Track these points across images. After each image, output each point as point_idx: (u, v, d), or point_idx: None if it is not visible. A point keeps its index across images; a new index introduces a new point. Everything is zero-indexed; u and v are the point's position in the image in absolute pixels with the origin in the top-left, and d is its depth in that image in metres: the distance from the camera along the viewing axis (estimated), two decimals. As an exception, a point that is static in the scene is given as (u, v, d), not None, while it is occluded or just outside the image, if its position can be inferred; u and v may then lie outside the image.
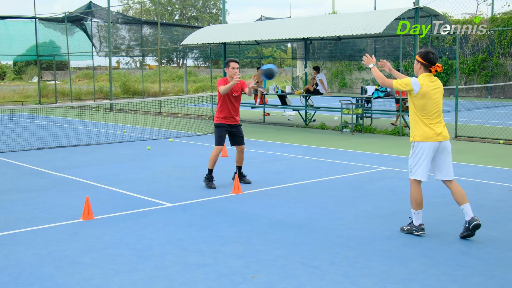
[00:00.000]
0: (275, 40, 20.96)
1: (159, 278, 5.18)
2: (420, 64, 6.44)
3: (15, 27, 31.55)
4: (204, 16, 78.31)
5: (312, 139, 15.26)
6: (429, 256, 5.75)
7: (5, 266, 5.50)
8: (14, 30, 31.41)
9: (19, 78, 58.43)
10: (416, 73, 6.53)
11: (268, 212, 7.53)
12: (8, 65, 61.93)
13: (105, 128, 18.45)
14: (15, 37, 31.35)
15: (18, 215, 7.47)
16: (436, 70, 6.34)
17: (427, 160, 6.28)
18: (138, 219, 7.24)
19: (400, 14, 15.40)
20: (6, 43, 31.04)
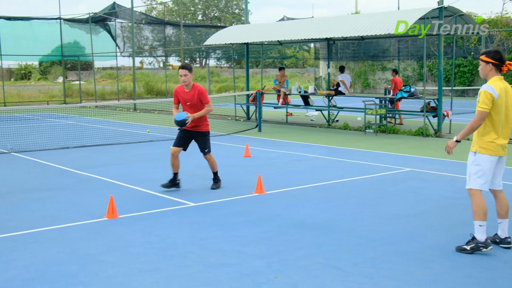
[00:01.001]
0: (298, 40, 20.94)
1: (181, 277, 5.22)
2: (491, 65, 5.92)
3: (41, 28, 31.99)
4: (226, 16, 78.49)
5: (335, 140, 15.21)
6: (453, 258, 5.70)
7: (31, 264, 5.59)
8: (39, 30, 31.86)
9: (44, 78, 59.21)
10: (486, 76, 6.00)
11: (290, 213, 7.53)
12: (34, 65, 62.77)
13: (129, 128, 18.61)
14: (40, 38, 31.79)
15: (43, 213, 7.58)
16: (508, 68, 5.92)
17: (490, 171, 5.90)
18: (161, 218, 7.29)
19: (424, 13, 15.28)
20: (32, 44, 31.50)
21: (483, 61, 5.97)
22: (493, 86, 5.82)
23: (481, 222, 5.84)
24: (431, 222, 7.01)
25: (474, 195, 5.93)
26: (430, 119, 16.61)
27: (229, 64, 66.19)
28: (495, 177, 6.03)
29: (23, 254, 5.89)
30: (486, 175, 5.90)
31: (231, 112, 24.11)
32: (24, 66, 64.19)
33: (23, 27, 31.15)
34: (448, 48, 31.68)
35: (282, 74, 21.69)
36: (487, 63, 5.95)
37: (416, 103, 22.80)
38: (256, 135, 16.42)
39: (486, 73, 5.98)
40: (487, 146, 5.88)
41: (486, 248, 5.80)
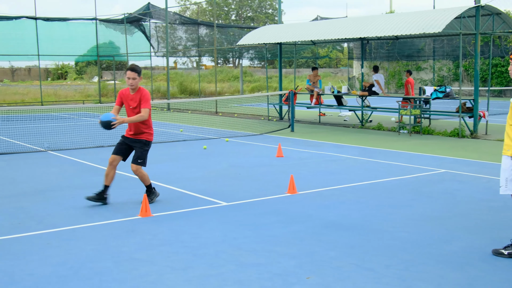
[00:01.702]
0: (331, 40, 20.83)
1: (213, 277, 5.24)
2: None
3: (77, 29, 32.54)
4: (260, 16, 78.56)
5: (368, 140, 15.09)
6: (489, 261, 5.59)
7: (66, 260, 5.68)
8: (75, 31, 32.40)
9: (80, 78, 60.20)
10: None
11: (323, 213, 7.49)
12: (70, 65, 63.89)
13: (163, 127, 18.77)
14: (76, 38, 32.34)
15: (78, 211, 7.69)
16: None
17: None
18: (193, 217, 7.33)
19: (460, 12, 15.04)
20: (68, 44, 32.05)
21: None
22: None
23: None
24: (466, 225, 6.89)
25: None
26: (466, 120, 16.35)
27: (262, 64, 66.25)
28: None
29: (58, 251, 5.99)
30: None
31: (263, 112, 24.13)
32: (61, 66, 65.39)
33: (60, 27, 31.72)
34: (485, 47, 31.11)
35: (315, 74, 21.61)
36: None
37: (452, 104, 22.48)
38: (288, 135, 16.40)
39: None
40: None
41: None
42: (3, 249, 6.04)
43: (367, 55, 38.13)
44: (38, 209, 7.80)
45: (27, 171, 10.84)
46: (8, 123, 20.45)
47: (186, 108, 28.71)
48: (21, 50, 30.40)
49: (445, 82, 36.67)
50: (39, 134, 16.85)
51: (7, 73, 62.68)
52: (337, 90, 20.38)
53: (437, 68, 37.31)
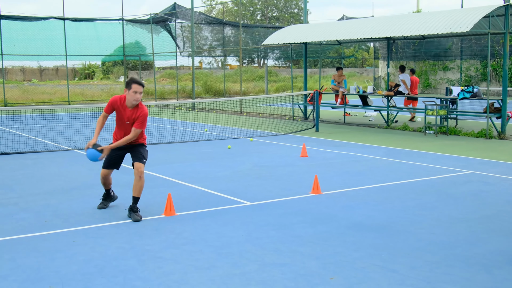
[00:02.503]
0: (357, 40, 20.71)
1: (237, 276, 5.24)
2: None
3: (104, 29, 32.89)
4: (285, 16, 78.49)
5: (394, 141, 14.97)
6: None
7: (91, 258, 5.74)
8: (102, 31, 32.75)
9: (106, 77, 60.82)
10: None
11: (347, 214, 7.45)
12: (97, 65, 64.59)
13: (187, 127, 18.87)
14: (103, 38, 32.69)
15: (103, 210, 7.77)
16: None
17: None
18: (217, 216, 7.35)
19: (489, 11, 14.83)
20: (95, 44, 32.42)
21: None
22: None
23: None
24: (493, 227, 6.79)
25: None
26: (494, 120, 16.11)
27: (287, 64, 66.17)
28: None
29: (83, 248, 6.06)
30: None
31: (288, 111, 24.09)
32: (88, 66, 66.16)
33: (87, 28, 32.10)
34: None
35: (340, 74, 21.51)
36: None
37: (479, 104, 22.19)
38: (313, 135, 16.35)
39: None
40: None
41: None
42: (30, 246, 6.13)
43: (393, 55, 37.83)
44: (64, 207, 7.90)
45: (54, 170, 10.98)
46: (36, 122, 20.76)
47: (211, 107, 28.82)
48: (49, 50, 30.83)
49: (472, 82, 36.21)
50: (66, 133, 17.06)
51: (35, 72, 63.64)
52: (362, 90, 20.26)
53: (464, 68, 36.85)
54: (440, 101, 17.65)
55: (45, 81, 59.45)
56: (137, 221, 7.11)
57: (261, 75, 51.69)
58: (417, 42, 36.12)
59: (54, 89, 39.33)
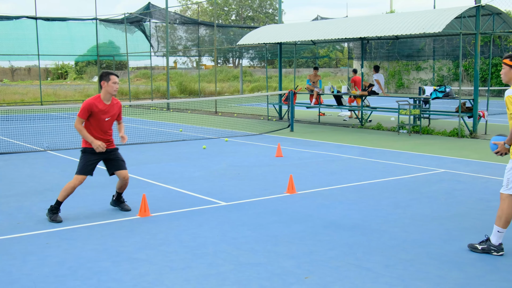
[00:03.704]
0: (332, 40, 20.83)
1: (212, 276, 5.24)
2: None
3: (77, 28, 32.55)
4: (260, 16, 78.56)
5: (368, 140, 15.09)
6: (488, 261, 5.59)
7: (64, 260, 5.68)
8: (75, 31, 32.41)
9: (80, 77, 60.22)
10: (509, 80, 5.80)
11: (322, 213, 7.49)
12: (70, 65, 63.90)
13: (162, 127, 18.77)
14: (76, 38, 32.35)
15: (77, 211, 7.69)
16: None
17: None
18: (192, 217, 7.33)
19: (460, 12, 15.04)
20: (68, 44, 32.07)
21: (507, 65, 5.73)
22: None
23: (501, 228, 5.75)
24: (465, 225, 6.89)
25: (505, 201, 5.78)
26: (466, 119, 16.34)
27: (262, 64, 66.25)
28: None
29: (56, 250, 5.99)
30: None
31: (263, 111, 24.13)
32: (61, 66, 65.42)
33: (60, 27, 31.73)
34: (485, 47, 31.12)
35: (315, 74, 21.62)
36: (510, 68, 5.72)
37: (452, 104, 22.48)
38: (288, 135, 16.40)
39: (510, 77, 5.76)
40: None
41: (497, 253, 5.75)
42: (2, 249, 6.04)
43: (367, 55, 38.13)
44: (37, 209, 7.80)
45: (27, 171, 10.83)
46: (8, 123, 20.45)
47: (185, 108, 28.71)
48: (21, 50, 30.42)
49: (444, 82, 36.67)
50: (38, 134, 16.85)
51: (7, 72, 62.72)
52: (337, 90, 20.39)
53: (437, 68, 37.31)
54: (413, 101, 17.84)
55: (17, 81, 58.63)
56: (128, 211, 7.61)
57: (236, 75, 51.66)
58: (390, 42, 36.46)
59: (26, 89, 38.80)
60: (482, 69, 33.32)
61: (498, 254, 5.74)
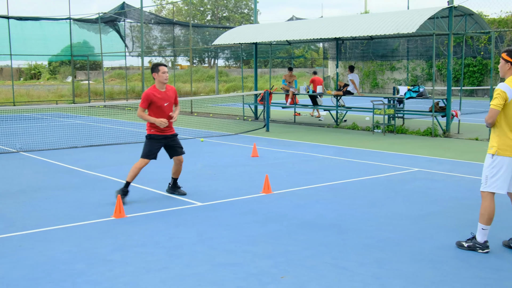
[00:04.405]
0: (307, 40, 20.92)
1: (189, 277, 5.22)
2: (510, 64, 5.80)
3: (50, 28, 32.13)
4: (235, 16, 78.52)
5: (343, 140, 15.18)
6: (461, 258, 5.67)
7: (39, 263, 5.61)
8: (49, 30, 32.00)
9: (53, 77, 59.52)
10: (504, 74, 5.88)
11: (298, 213, 7.51)
12: (43, 65, 63.10)
13: (137, 127, 18.64)
14: (50, 38, 31.93)
15: (51, 213, 7.60)
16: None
17: (507, 173, 5.76)
18: (168, 218, 7.30)
19: (433, 13, 15.21)
20: (41, 44, 31.64)
21: (503, 59, 5.86)
22: (509, 85, 5.71)
23: (484, 226, 5.84)
24: (439, 223, 6.97)
25: (486, 198, 5.87)
26: (439, 119, 16.53)
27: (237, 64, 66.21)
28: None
29: (30, 253, 5.91)
30: (503, 178, 5.78)
31: (239, 111, 24.11)
32: (34, 66, 64.56)
33: (33, 27, 31.30)
34: (458, 47, 31.53)
35: (291, 74, 21.68)
36: (506, 62, 5.83)
37: (425, 103, 22.72)
38: (264, 135, 16.41)
39: (505, 71, 5.87)
40: (505, 147, 5.76)
41: (482, 250, 5.83)
42: (-26, 252, 5.94)
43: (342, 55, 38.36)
44: (10, 211, 7.69)
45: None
46: (-20, 123, 20.12)
47: (161, 108, 28.53)
48: (-7, 50, 29.96)
49: (418, 82, 37.07)
50: (11, 135, 16.60)
51: (-21, 73, 61.67)
52: (312, 90, 20.46)
53: (410, 68, 37.69)
54: (387, 101, 18.00)
55: (-11, 81, 57.69)
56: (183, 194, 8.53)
57: (211, 75, 51.55)
58: (365, 43, 36.76)
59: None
60: (455, 69, 33.75)
61: (484, 251, 5.82)
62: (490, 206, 5.82)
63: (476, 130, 17.02)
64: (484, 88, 33.09)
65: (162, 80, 8.15)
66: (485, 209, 5.84)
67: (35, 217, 7.38)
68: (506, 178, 5.79)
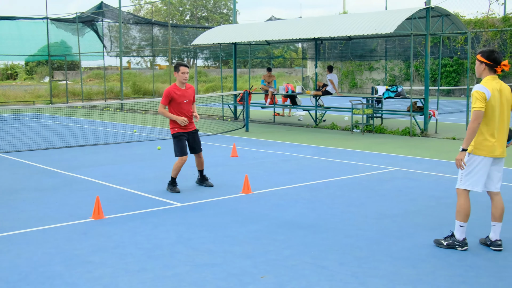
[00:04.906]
0: (286, 40, 20.95)
1: (168, 278, 5.19)
2: (485, 65, 5.85)
3: (27, 27, 31.74)
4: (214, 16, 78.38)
5: (322, 139, 15.23)
6: (439, 257, 5.72)
7: (16, 265, 5.54)
8: (25, 30, 31.61)
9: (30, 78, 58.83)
10: (480, 75, 5.92)
11: (278, 212, 7.52)
12: (20, 65, 62.34)
13: (116, 128, 18.51)
14: (26, 37, 31.54)
15: (29, 214, 7.51)
16: (502, 69, 5.81)
17: (482, 171, 5.81)
18: (147, 218, 7.26)
19: (411, 14, 15.34)
20: (18, 43, 31.25)
21: (478, 60, 5.91)
22: (485, 86, 5.76)
23: (461, 222, 5.89)
24: (418, 221, 7.03)
25: (461, 196, 5.94)
26: (417, 118, 16.67)
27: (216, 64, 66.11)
28: (492, 179, 5.94)
29: (7, 255, 5.83)
30: (478, 176, 5.84)
31: (218, 112, 24.07)
32: (10, 66, 63.74)
33: (9, 26, 30.90)
34: (435, 48, 31.84)
35: (269, 74, 21.72)
36: (481, 63, 5.89)
37: (403, 103, 22.90)
38: (243, 135, 16.41)
39: (480, 72, 5.92)
40: (480, 147, 5.81)
41: (461, 248, 5.88)
42: (-50, 255, 5.85)
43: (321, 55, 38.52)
44: (-14, 213, 7.58)
45: (-25, 174, 10.52)
46: (-45, 124, 19.82)
47: (140, 108, 28.39)
48: (-33, 50, 29.54)
49: (396, 82, 37.36)
50: (-13, 135, 16.38)
51: (-47, 73, 60.75)
52: (291, 90, 20.51)
53: (388, 68, 37.97)
54: (366, 100, 18.11)
55: (-36, 82, 56.86)
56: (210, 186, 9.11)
57: (191, 75, 51.36)
58: (344, 43, 36.96)
59: (-26, 90, 37.66)
60: (432, 69, 34.08)
61: (463, 249, 5.86)
62: (465, 203, 5.89)
63: (453, 129, 17.20)
64: (461, 88, 33.45)
65: (181, 79, 8.77)
66: (460, 206, 5.90)
67: (12, 219, 7.29)
68: (481, 176, 5.85)
